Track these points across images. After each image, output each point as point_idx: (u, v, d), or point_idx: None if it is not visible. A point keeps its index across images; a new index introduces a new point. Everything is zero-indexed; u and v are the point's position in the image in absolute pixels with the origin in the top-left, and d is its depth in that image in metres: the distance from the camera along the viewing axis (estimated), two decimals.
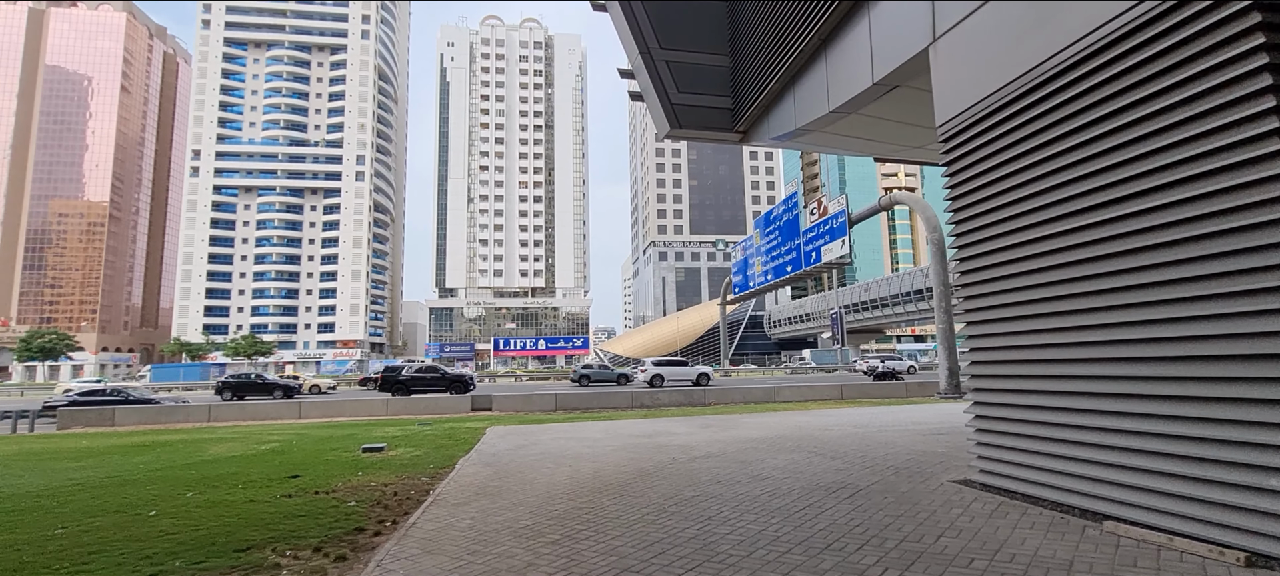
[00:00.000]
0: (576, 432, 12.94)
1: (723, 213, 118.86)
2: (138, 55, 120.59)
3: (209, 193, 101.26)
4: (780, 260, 38.52)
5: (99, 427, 19.33)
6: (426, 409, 22.07)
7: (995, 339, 5.40)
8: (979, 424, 5.61)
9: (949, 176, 5.99)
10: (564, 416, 18.36)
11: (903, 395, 24.74)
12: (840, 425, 12.69)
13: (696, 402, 23.37)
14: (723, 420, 14.75)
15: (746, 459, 8.43)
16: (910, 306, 66.40)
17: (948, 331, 23.68)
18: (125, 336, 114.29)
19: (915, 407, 17.72)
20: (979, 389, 5.69)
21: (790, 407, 19.75)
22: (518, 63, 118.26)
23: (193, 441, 13.30)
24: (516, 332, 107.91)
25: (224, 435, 14.64)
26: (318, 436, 13.85)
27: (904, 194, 26.37)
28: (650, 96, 11.75)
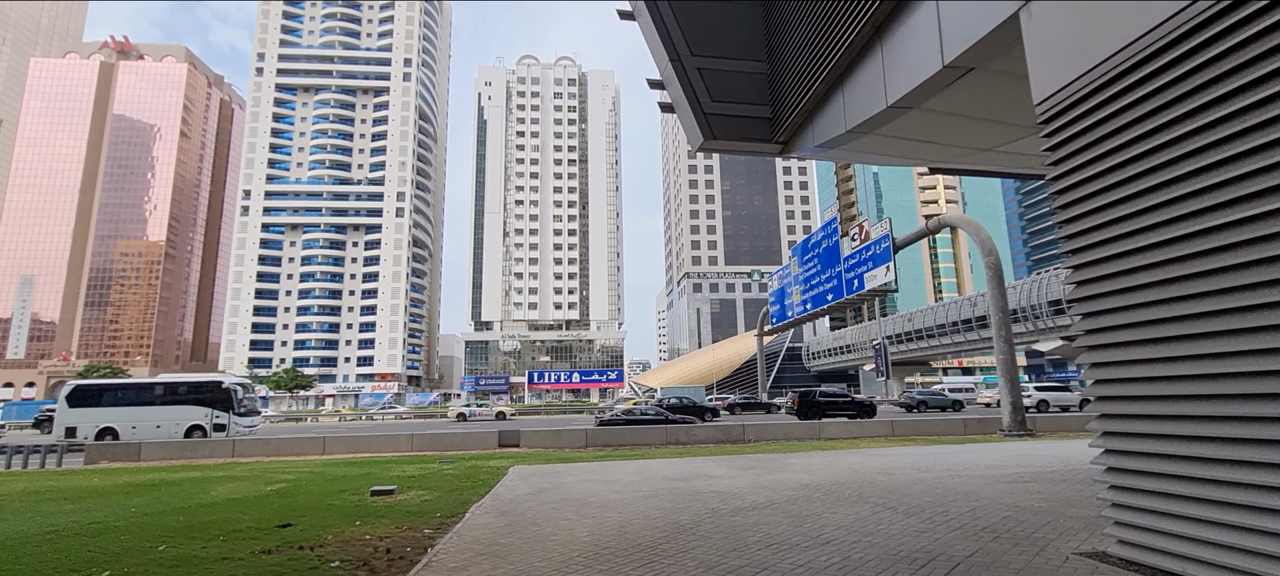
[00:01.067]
0: (605, 474, 11.79)
1: (758, 243, 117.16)
2: (197, 103, 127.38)
3: (258, 230, 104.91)
4: (820, 289, 36.88)
5: (123, 463, 19.04)
6: (453, 445, 21.22)
7: (1137, 367, 4.13)
8: (1115, 478, 4.31)
9: (1055, 165, 4.81)
10: (593, 454, 17.21)
11: (960, 432, 22.75)
12: (902, 468, 11.22)
13: (735, 439, 21.91)
14: (765, 460, 13.39)
15: (800, 512, 7.15)
16: (958, 337, 63.30)
17: (1008, 363, 21.76)
18: (176, 370, 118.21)
19: (979, 447, 15.98)
20: (1113, 433, 4.39)
21: (838, 445, 18.15)
22: (552, 100, 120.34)
23: (203, 480, 12.64)
24: (551, 365, 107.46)
25: (238, 473, 13.97)
26: (332, 475, 13.05)
27: (954, 215, 24.75)
28: (682, 107, 10.84)
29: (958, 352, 71.64)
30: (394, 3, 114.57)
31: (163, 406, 25.18)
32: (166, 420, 24.83)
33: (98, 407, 25.04)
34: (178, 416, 24.95)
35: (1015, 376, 21.43)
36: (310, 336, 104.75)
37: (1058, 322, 51.41)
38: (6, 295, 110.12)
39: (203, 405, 25.10)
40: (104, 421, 24.69)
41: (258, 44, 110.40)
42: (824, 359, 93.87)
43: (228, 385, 25.87)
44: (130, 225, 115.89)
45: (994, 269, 22.27)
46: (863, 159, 10.67)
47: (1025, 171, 10.97)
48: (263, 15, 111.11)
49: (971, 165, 10.64)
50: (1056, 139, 4.84)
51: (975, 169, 11.87)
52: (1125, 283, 4.22)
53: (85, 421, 24.53)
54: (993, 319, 22.16)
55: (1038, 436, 20.76)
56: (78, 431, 24.33)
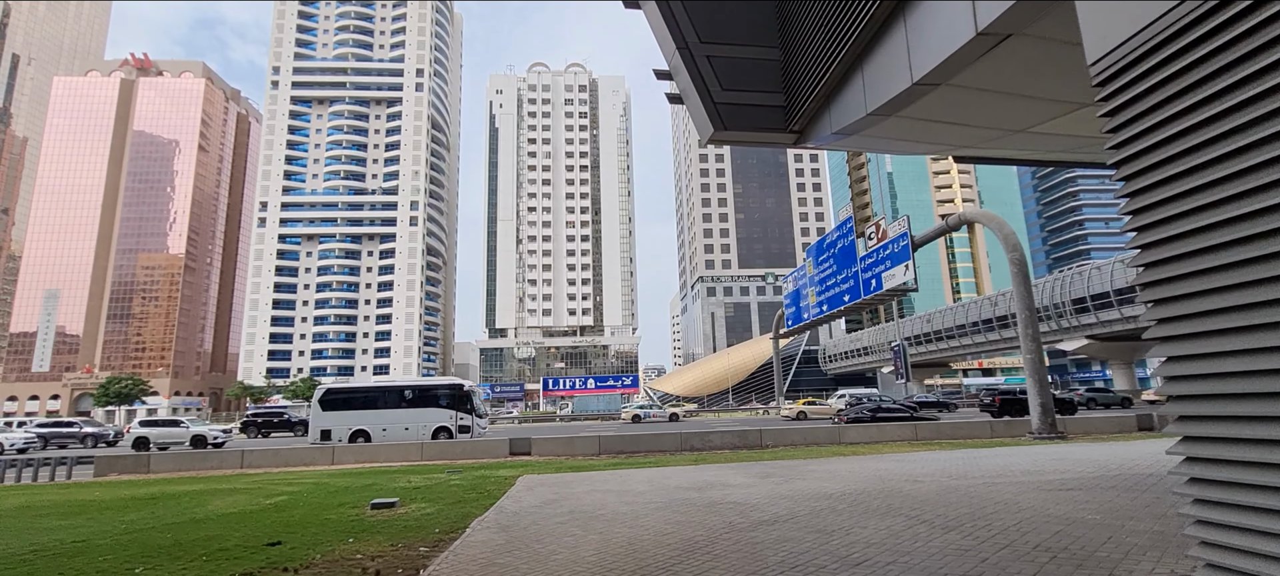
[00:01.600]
0: (617, 483, 11.26)
1: (771, 246, 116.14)
2: (214, 117, 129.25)
3: (274, 242, 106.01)
4: (836, 290, 36.13)
5: (133, 475, 18.85)
6: (464, 453, 20.81)
7: (1229, 360, 3.51)
8: (1202, 491, 3.69)
9: (1115, 132, 4.22)
10: (606, 462, 16.68)
11: (987, 435, 21.88)
12: (931, 475, 10.55)
13: (752, 445, 21.24)
14: (784, 467, 12.77)
15: (826, 527, 6.56)
16: (979, 338, 62.00)
17: (1036, 363, 20.90)
18: (196, 381, 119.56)
19: (1010, 452, 15.21)
20: (1198, 438, 3.77)
21: (859, 450, 17.44)
22: (563, 106, 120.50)
23: (205, 493, 12.29)
24: (566, 372, 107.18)
25: (242, 485, 13.63)
26: (336, 486, 12.65)
27: (976, 211, 23.93)
28: (690, 97, 10.32)
29: (978, 353, 70.30)
30: (406, 14, 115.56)
31: (410, 409, 25.58)
32: (414, 422, 25.15)
33: (350, 410, 25.48)
34: (425, 419, 25.29)
35: (1044, 376, 20.57)
36: (327, 346, 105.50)
37: (1082, 321, 50.07)
38: (32, 310, 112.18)
39: (447, 407, 25.56)
40: (357, 424, 25.07)
41: (273, 57, 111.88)
42: (840, 361, 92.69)
43: (468, 387, 26.50)
44: (151, 238, 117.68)
45: (1019, 265, 21.44)
46: (883, 146, 10.06)
47: (1062, 157, 10.28)
48: (277, 29, 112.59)
49: (1001, 150, 10.00)
50: (1115, 104, 4.25)
51: (1004, 156, 11.22)
52: (1208, 262, 3.62)
53: (339, 424, 24.95)
54: (1019, 317, 21.32)
55: (1069, 439, 19.88)
56: (332, 434, 24.86)
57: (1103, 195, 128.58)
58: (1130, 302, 44.84)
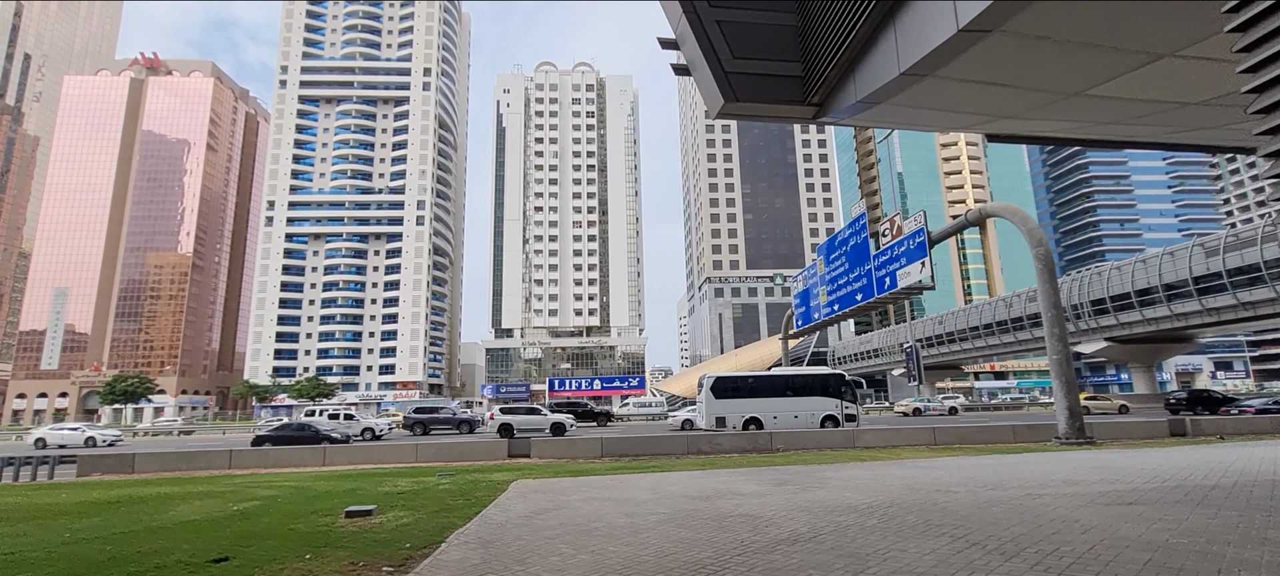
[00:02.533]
0: (617, 490, 10.33)
1: (780, 246, 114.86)
2: (223, 116, 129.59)
3: (281, 241, 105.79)
4: (848, 289, 35.00)
5: (116, 475, 18.12)
6: (460, 455, 19.96)
7: None
8: None
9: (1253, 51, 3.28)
10: (607, 466, 15.75)
11: (1010, 439, 20.80)
12: (963, 484, 9.56)
13: (762, 449, 20.25)
14: (799, 474, 11.79)
15: (857, 548, 5.60)
16: (993, 339, 60.65)
17: (1063, 364, 19.80)
18: (204, 380, 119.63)
19: (1040, 458, 14.15)
20: None
21: (877, 456, 16.42)
22: (570, 106, 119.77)
23: (174, 496, 11.48)
24: (572, 372, 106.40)
25: (218, 488, 12.81)
26: (317, 491, 11.80)
27: (998, 205, 22.82)
28: (698, 66, 9.40)
29: (992, 356, 68.98)
30: (414, 13, 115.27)
31: (798, 398, 25.92)
32: (804, 410, 25.44)
33: (741, 398, 26.05)
34: (813, 407, 25.49)
35: (1072, 378, 19.46)
36: (333, 345, 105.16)
37: (1101, 323, 48.71)
38: (42, 308, 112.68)
39: (830, 396, 25.78)
40: (749, 412, 25.64)
41: (281, 56, 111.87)
42: (850, 363, 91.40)
43: (850, 377, 27.04)
44: (159, 237, 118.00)
45: (1044, 261, 20.35)
46: (910, 118, 9.07)
47: (1110, 132, 9.25)
48: (285, 28, 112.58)
49: (1046, 121, 8.98)
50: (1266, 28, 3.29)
51: (1045, 133, 10.20)
52: None
53: (733, 412, 25.61)
54: (1044, 316, 20.24)
55: (1099, 444, 18.77)
56: (727, 421, 25.34)
57: (1116, 196, 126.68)
58: (1152, 304, 43.51)
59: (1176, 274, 41.65)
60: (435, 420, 33.57)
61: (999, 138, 10.54)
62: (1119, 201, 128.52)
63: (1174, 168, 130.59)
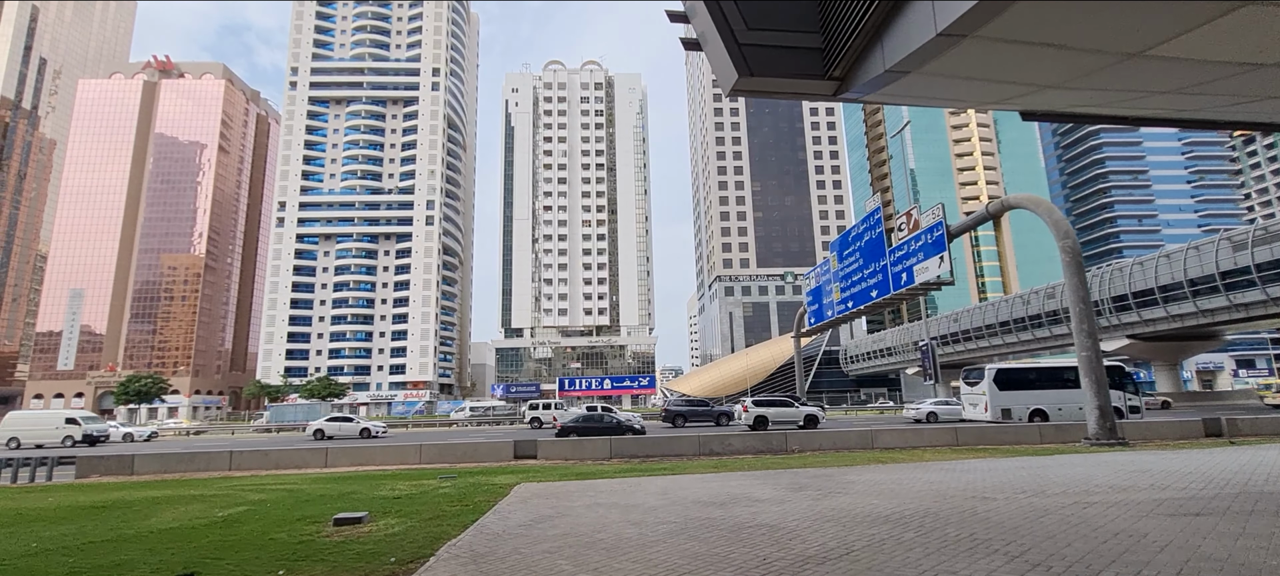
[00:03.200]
0: (625, 495, 9.68)
1: (790, 244, 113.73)
2: (235, 118, 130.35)
3: (292, 242, 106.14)
4: (863, 285, 34.15)
5: (115, 477, 17.72)
6: (465, 456, 19.40)
7: None
8: None
9: None
10: (616, 468, 15.10)
11: (1036, 441, 19.92)
12: (998, 489, 8.82)
13: (777, 450, 19.52)
14: (818, 477, 11.08)
15: (898, 569, 4.90)
16: (1011, 337, 59.40)
17: (1093, 360, 18.88)
18: (217, 380, 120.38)
19: (1074, 460, 13.33)
20: None
21: (898, 458, 15.64)
22: (579, 104, 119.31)
23: (161, 500, 10.96)
24: (582, 372, 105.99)
25: (211, 491, 12.29)
26: (310, 494, 11.25)
27: (1022, 195, 21.90)
28: (710, 39, 8.73)
29: (1010, 354, 67.74)
30: (423, 13, 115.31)
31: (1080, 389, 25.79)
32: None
33: (1025, 390, 26.17)
34: None
35: (1102, 376, 18.55)
36: (344, 345, 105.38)
37: (1123, 320, 47.45)
38: (58, 309, 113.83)
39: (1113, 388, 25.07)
40: (1035, 403, 25.89)
41: (291, 58, 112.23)
42: (862, 362, 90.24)
43: (1129, 369, 26.93)
44: (172, 239, 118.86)
45: (1072, 253, 19.45)
46: (944, 89, 8.30)
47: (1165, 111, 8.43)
48: (295, 30, 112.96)
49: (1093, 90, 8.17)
50: None
51: (1089, 111, 9.41)
52: None
53: (1017, 403, 25.88)
54: (1073, 311, 19.33)
55: (1132, 445, 17.86)
56: (1012, 412, 25.79)
57: (1134, 190, 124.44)
58: (1177, 300, 42.28)
59: (1203, 269, 40.41)
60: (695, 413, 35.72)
61: (1034, 115, 9.76)
62: (1136, 196, 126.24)
63: (1193, 162, 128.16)
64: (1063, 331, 53.45)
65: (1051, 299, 54.89)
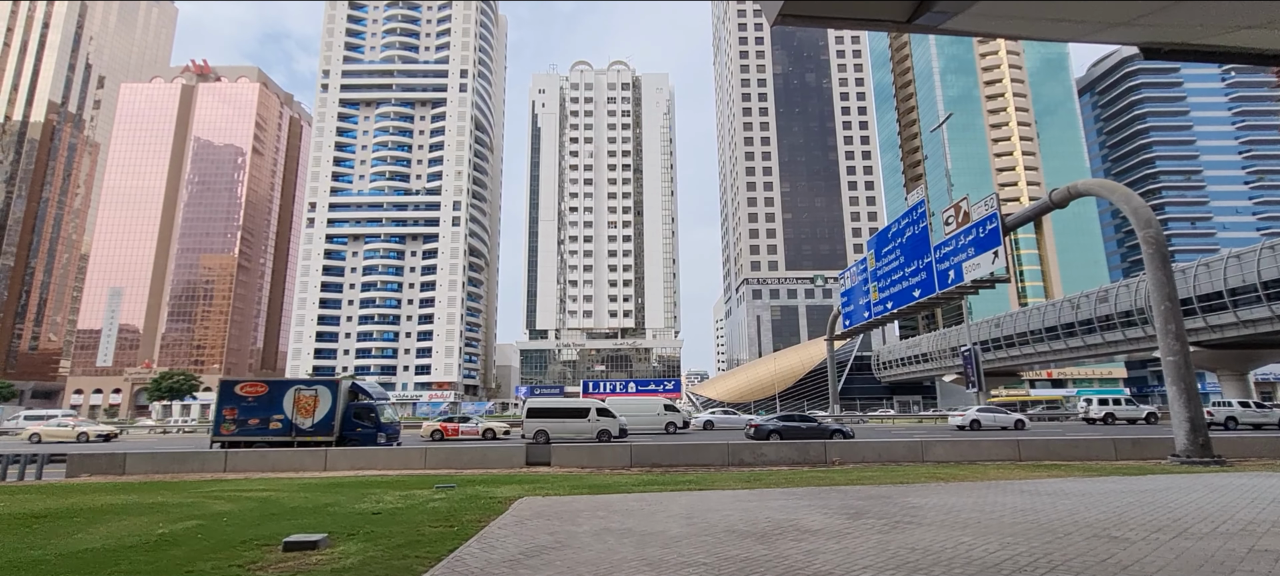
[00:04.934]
0: (643, 517, 7.99)
1: (820, 247, 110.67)
2: (269, 121, 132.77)
3: (322, 242, 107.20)
4: (904, 284, 31.90)
5: (103, 477, 16.69)
6: (473, 462, 17.90)
7: None
8: None
9: None
10: (634, 480, 13.39)
11: (1112, 455, 17.61)
12: (1122, 522, 6.87)
13: (815, 461, 17.60)
14: (876, 498, 9.22)
15: None
16: (1057, 344, 56.03)
17: (1182, 366, 16.53)
18: (249, 377, 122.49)
19: (1175, 482, 11.20)
20: None
21: (959, 474, 13.61)
22: (605, 105, 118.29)
23: (108, 509, 9.63)
24: (606, 375, 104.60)
25: (172, 499, 10.96)
26: (285, 505, 9.82)
27: (1096, 182, 19.58)
28: None
29: (1056, 361, 64.17)
30: (451, 15, 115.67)
31: None
32: None
33: None
34: None
35: (1193, 384, 16.21)
36: (371, 345, 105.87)
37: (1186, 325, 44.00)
38: (98, 308, 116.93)
39: None
40: None
41: (323, 61, 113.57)
42: (896, 369, 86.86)
43: None
44: (207, 238, 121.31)
45: (1155, 244, 17.14)
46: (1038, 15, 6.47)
47: None
48: (327, 33, 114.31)
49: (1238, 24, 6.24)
50: None
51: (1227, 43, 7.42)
52: None
53: None
54: (1156, 310, 17.03)
55: (1231, 464, 15.48)
56: None
57: (1187, 192, 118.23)
58: (1249, 304, 38.91)
59: (1279, 270, 37.08)
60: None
61: (1158, 50, 7.79)
62: (1190, 198, 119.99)
63: (1251, 162, 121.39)
64: (1116, 337, 50.20)
65: (1104, 303, 51.51)
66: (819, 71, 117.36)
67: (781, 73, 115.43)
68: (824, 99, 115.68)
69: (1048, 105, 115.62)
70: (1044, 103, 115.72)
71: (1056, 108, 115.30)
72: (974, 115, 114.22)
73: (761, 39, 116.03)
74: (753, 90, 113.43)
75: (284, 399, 22.54)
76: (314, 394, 22.45)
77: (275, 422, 22.29)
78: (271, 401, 22.62)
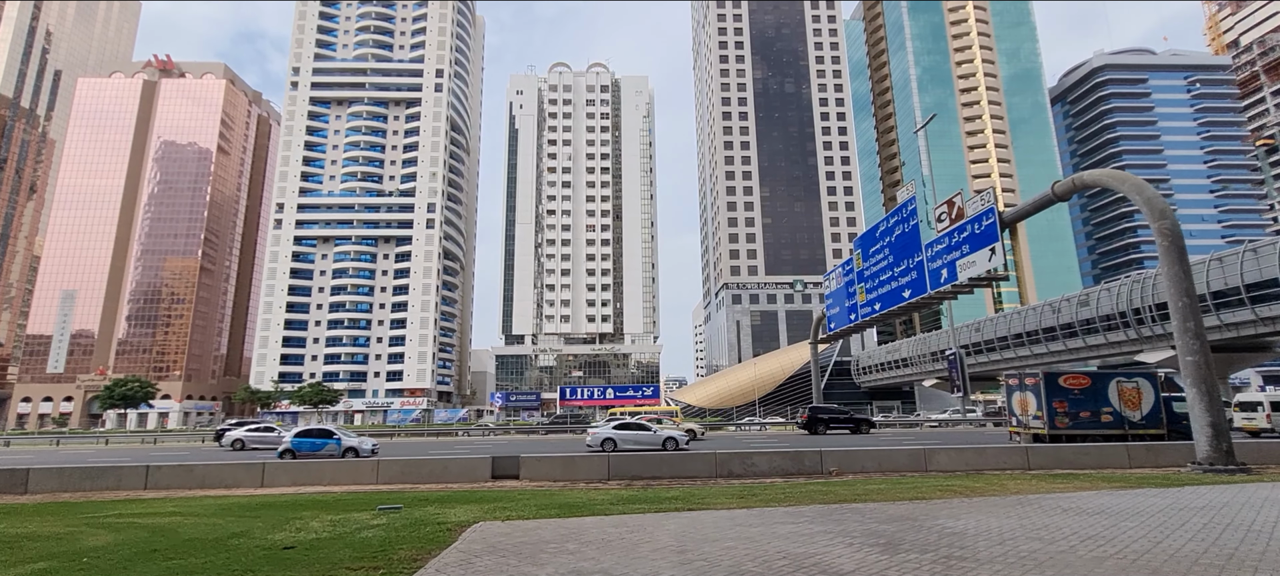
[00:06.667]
0: (623, 553, 6.33)
1: (800, 252, 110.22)
2: (236, 119, 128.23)
3: (290, 244, 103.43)
4: (893, 285, 30.77)
5: (3, 497, 14.48)
6: (432, 476, 16.02)
7: None
8: None
9: None
10: (613, 497, 11.69)
11: (1125, 463, 16.43)
12: (1228, 548, 5.43)
13: (811, 471, 16.08)
14: (898, 517, 7.69)
15: None
16: (1038, 348, 55.74)
17: (1202, 367, 15.39)
18: (212, 385, 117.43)
19: (1214, 493, 9.92)
20: None
21: (979, 486, 12.18)
22: (584, 107, 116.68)
23: None
24: (584, 381, 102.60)
25: (48, 527, 8.99)
26: (184, 536, 7.95)
27: (1102, 173, 18.49)
28: None
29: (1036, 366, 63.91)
30: (427, 14, 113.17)
31: None
32: None
33: None
34: None
35: (1214, 387, 15.06)
36: (341, 350, 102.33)
37: (1167, 330, 43.75)
38: (49, 312, 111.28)
39: None
40: None
41: (293, 58, 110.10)
42: (875, 374, 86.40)
43: None
44: (168, 240, 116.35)
45: (1170, 237, 16.06)
46: None
47: None
48: (298, 30, 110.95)
49: None
50: None
51: None
52: None
53: None
54: (1174, 307, 15.93)
55: (1257, 472, 14.36)
56: None
57: None
58: (1232, 306, 38.74)
59: (1261, 273, 36.91)
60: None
61: None
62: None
63: (1216, 171, 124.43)
64: (1097, 340, 49.97)
65: (1085, 306, 51.25)
66: (798, 79, 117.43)
67: (761, 79, 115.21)
68: (803, 106, 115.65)
69: (1021, 115, 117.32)
70: (1018, 112, 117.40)
71: (1030, 117, 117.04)
72: (950, 123, 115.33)
73: (741, 45, 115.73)
74: (732, 95, 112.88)
75: (1108, 391, 22.36)
76: (1135, 386, 22.38)
77: (1105, 415, 22.11)
78: (1096, 394, 22.37)
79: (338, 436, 23.08)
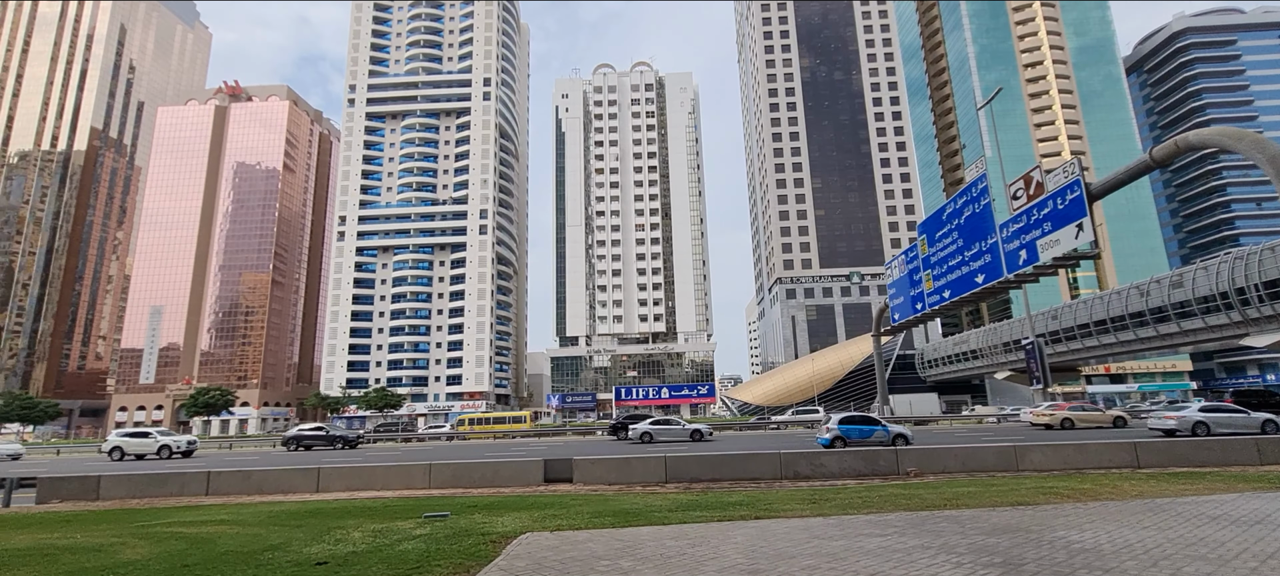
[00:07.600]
0: (684, 569, 5.47)
1: (856, 243, 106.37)
2: (300, 138, 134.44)
3: (352, 255, 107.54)
4: (964, 270, 28.63)
5: (74, 504, 14.89)
6: (483, 480, 15.58)
7: None
8: None
9: None
10: (672, 500, 10.82)
11: (1254, 460, 14.38)
12: None
13: (885, 471, 14.77)
14: (1004, 527, 6.49)
15: None
16: (1125, 335, 51.41)
17: None
18: (286, 392, 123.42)
19: None
20: None
21: (1088, 487, 10.68)
22: (630, 107, 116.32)
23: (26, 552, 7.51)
24: (639, 381, 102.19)
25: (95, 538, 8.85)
26: (222, 548, 7.59)
27: (1215, 131, 16.33)
28: None
29: (1118, 355, 59.34)
30: (473, 23, 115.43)
31: None
32: None
33: None
34: None
35: None
36: (403, 356, 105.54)
37: (1277, 310, 39.42)
38: (140, 327, 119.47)
39: None
40: None
41: (349, 75, 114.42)
42: (942, 367, 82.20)
43: None
44: (242, 256, 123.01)
45: None
46: None
47: None
48: (353, 49, 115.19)
49: None
50: None
51: None
52: None
53: None
54: None
55: None
56: None
57: (1250, 172, 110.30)
58: None
59: None
60: None
61: None
62: (1254, 177, 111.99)
63: None
64: (1194, 325, 45.64)
65: (1178, 288, 46.87)
66: (847, 67, 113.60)
67: (809, 68, 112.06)
68: (854, 94, 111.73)
69: (1093, 88, 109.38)
70: (1089, 86, 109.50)
71: (1103, 90, 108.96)
72: (1014, 102, 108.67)
73: (787, 35, 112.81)
74: (779, 87, 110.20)
75: None
76: None
77: None
78: None
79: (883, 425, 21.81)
